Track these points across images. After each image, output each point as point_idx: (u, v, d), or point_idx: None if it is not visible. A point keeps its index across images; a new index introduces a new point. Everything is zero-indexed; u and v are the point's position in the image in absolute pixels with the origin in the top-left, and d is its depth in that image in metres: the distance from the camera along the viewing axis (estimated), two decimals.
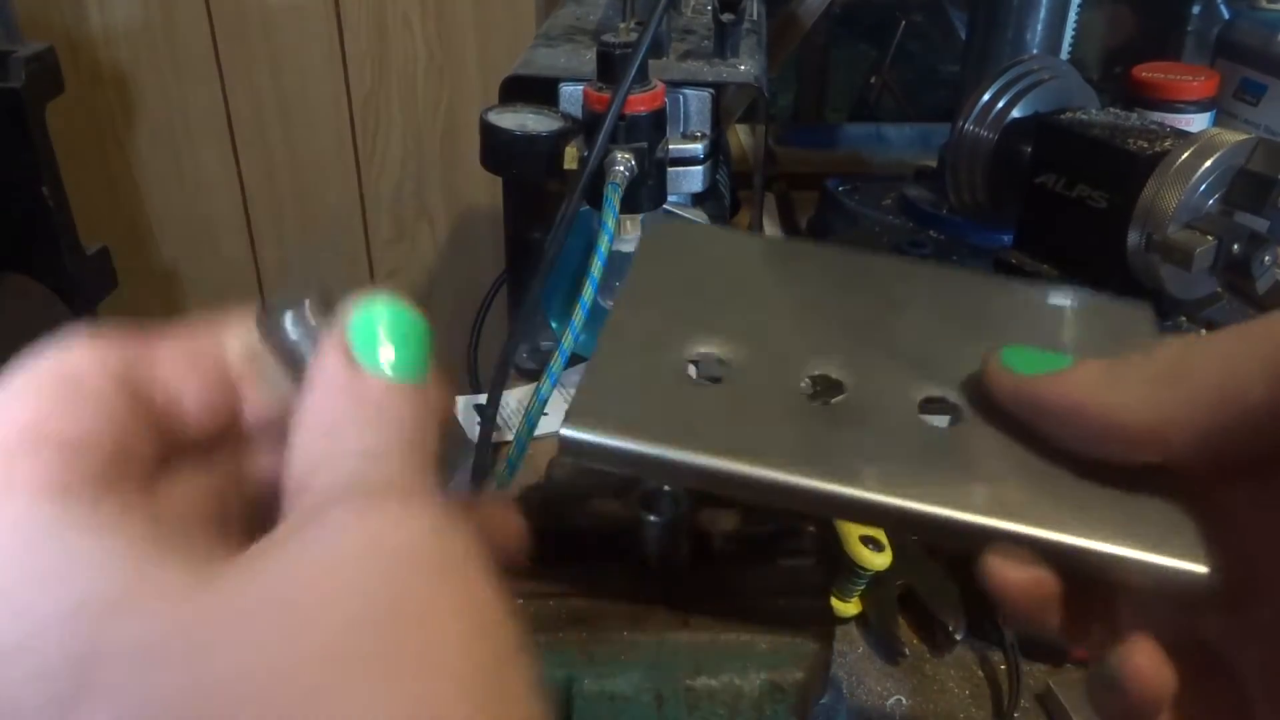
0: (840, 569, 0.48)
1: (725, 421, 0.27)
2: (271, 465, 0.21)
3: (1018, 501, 0.25)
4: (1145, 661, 0.23)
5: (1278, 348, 0.22)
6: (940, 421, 0.28)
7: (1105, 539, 0.24)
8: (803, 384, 0.28)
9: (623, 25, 0.65)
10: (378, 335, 0.20)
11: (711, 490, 0.26)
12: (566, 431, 0.26)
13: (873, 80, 1.29)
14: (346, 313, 0.20)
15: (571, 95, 0.61)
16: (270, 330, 0.21)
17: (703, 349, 0.29)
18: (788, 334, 0.30)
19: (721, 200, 0.68)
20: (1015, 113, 0.73)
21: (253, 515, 0.22)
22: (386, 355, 0.20)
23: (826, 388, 0.28)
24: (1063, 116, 0.68)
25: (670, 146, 0.61)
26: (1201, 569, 0.24)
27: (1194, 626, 0.25)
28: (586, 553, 0.35)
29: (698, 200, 0.65)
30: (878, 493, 0.25)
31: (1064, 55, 0.83)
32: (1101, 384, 0.24)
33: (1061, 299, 0.32)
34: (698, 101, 0.62)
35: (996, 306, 0.32)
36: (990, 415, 0.27)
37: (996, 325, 0.31)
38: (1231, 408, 0.23)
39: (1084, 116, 0.68)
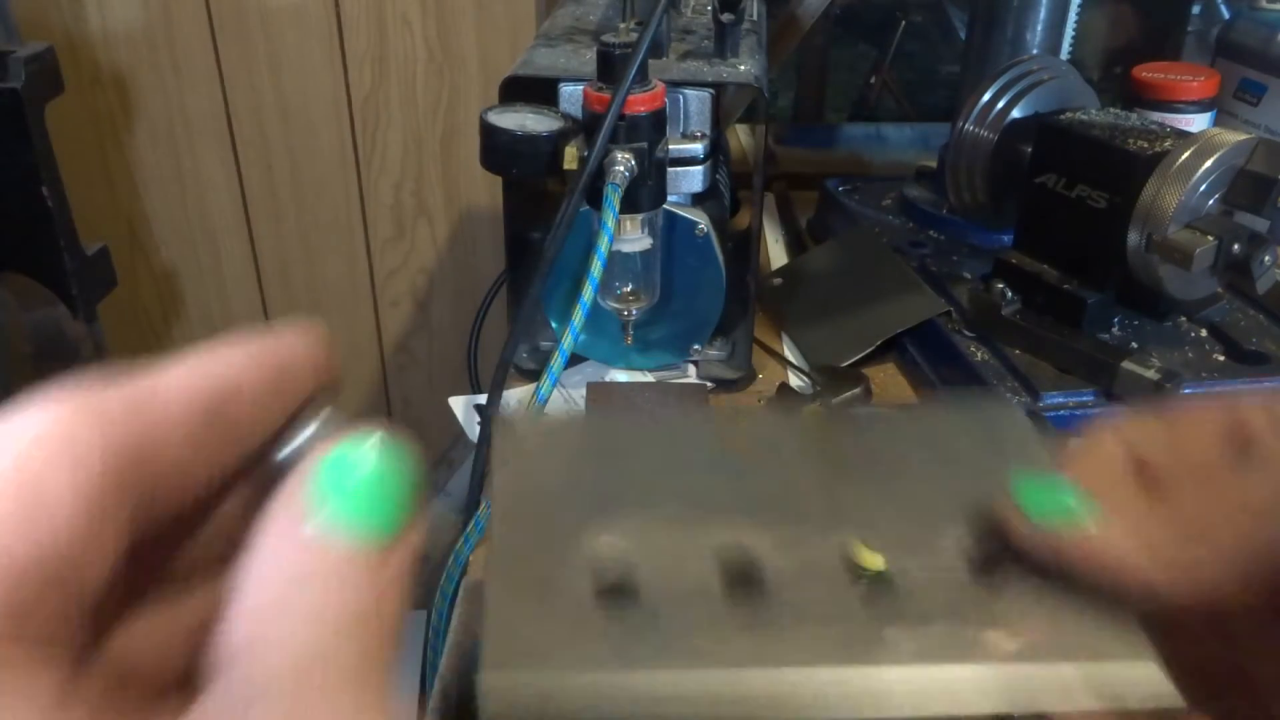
0: None
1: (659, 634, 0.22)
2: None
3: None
4: None
5: None
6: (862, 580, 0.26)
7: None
8: (711, 566, 0.25)
9: (623, 25, 0.65)
10: (347, 487, 0.17)
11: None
12: (494, 679, 0.20)
13: (873, 80, 1.29)
14: (316, 456, 0.17)
15: (571, 95, 0.61)
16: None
17: (601, 546, 0.25)
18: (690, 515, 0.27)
19: (721, 200, 0.68)
20: (1015, 113, 0.73)
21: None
22: (350, 513, 0.17)
23: (744, 567, 0.26)
24: (1063, 116, 0.68)
25: (670, 146, 0.61)
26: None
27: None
28: None
29: (698, 200, 0.66)
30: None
31: (1064, 55, 0.83)
32: (1135, 546, 0.24)
33: (926, 420, 0.31)
34: (698, 101, 0.62)
35: (870, 442, 0.30)
36: (926, 556, 0.25)
37: (884, 461, 0.30)
38: (1264, 566, 0.23)
39: (1084, 116, 0.68)
